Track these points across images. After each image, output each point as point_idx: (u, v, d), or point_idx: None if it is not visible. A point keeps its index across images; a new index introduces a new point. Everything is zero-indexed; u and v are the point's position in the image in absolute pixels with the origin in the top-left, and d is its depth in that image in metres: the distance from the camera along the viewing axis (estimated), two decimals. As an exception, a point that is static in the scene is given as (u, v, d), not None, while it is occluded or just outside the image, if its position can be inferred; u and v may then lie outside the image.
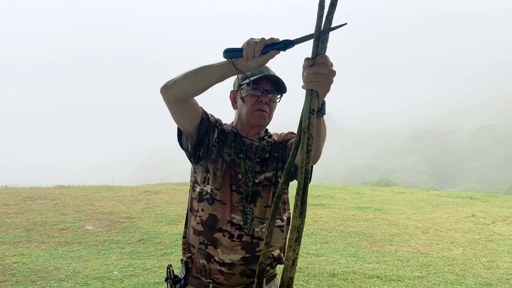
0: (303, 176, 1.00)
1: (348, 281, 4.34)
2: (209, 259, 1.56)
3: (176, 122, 1.54)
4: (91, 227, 6.98)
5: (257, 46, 1.16)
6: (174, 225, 7.13)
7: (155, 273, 4.57)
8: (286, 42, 1.13)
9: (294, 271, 0.99)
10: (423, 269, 4.79)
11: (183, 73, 1.37)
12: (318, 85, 1.08)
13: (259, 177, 1.62)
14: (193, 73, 1.34)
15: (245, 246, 1.55)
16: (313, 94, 1.06)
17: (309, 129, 1.02)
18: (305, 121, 1.03)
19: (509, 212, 8.34)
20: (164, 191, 11.38)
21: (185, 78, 1.36)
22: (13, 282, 4.26)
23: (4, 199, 9.67)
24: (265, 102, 1.61)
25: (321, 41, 1.04)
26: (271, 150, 1.68)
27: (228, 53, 1.24)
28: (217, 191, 1.58)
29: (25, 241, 6.02)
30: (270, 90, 1.61)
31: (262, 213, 1.59)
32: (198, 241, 1.58)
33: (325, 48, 1.05)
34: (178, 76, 1.38)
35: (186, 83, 1.36)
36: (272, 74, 1.60)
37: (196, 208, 1.61)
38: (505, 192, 27.63)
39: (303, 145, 1.01)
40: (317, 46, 1.05)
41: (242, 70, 1.26)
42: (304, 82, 1.09)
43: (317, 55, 1.06)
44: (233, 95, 1.72)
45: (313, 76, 1.07)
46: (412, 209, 8.93)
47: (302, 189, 0.99)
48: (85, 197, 10.28)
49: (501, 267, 4.85)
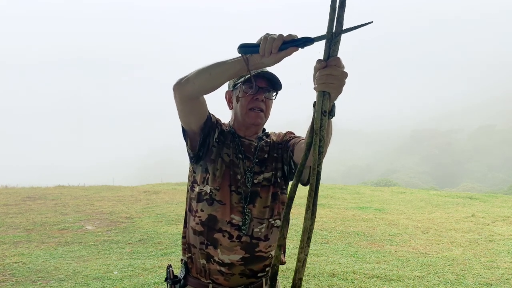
0: (315, 178, 1.00)
1: (348, 281, 4.34)
2: (209, 259, 1.56)
3: (183, 120, 1.53)
4: (91, 227, 6.98)
5: (275, 42, 1.13)
6: (174, 225, 7.13)
7: (155, 273, 4.57)
8: (305, 40, 1.11)
9: (303, 272, 1.00)
10: (423, 269, 4.79)
11: (196, 71, 1.35)
12: (331, 87, 1.07)
13: (258, 178, 1.62)
14: (207, 70, 1.32)
15: (245, 246, 1.55)
16: (325, 96, 1.06)
17: (321, 131, 1.02)
18: (317, 123, 1.03)
19: (509, 212, 8.34)
20: (164, 191, 11.38)
21: (199, 75, 1.34)
22: (13, 282, 4.26)
23: (4, 199, 9.67)
24: (261, 100, 1.60)
25: (333, 43, 1.04)
26: (270, 151, 1.67)
27: (243, 48, 1.19)
28: (216, 191, 1.57)
29: (25, 241, 6.02)
30: (265, 88, 1.60)
31: (261, 213, 1.59)
32: (199, 241, 1.58)
33: (337, 50, 1.05)
34: (191, 74, 1.36)
35: (200, 80, 1.34)
36: (266, 71, 1.59)
37: (195, 209, 1.60)
38: (505, 192, 27.61)
39: (314, 147, 1.01)
40: (329, 48, 1.05)
41: (256, 67, 1.24)
42: (316, 83, 1.08)
43: (329, 57, 1.06)
44: (228, 95, 1.71)
45: (326, 77, 1.06)
46: (412, 209, 8.93)
47: (314, 190, 0.99)
48: (85, 197, 10.28)
49: (501, 267, 4.85)
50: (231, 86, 1.67)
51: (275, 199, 1.62)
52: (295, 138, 1.67)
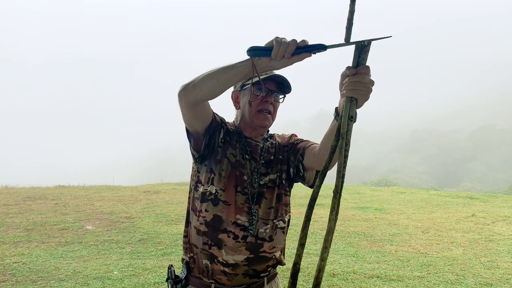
0: (341, 180, 1.05)
1: (348, 281, 4.34)
2: (213, 260, 1.56)
3: (188, 123, 1.53)
4: (91, 227, 6.98)
5: (289, 47, 1.12)
6: (174, 225, 7.13)
7: (155, 273, 4.57)
8: (319, 47, 1.12)
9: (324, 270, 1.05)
10: (423, 269, 4.80)
11: (202, 76, 1.33)
12: (359, 94, 1.11)
13: (264, 179, 1.62)
14: (214, 76, 1.31)
15: (250, 247, 1.56)
16: (353, 102, 1.11)
17: (347, 135, 1.07)
18: (344, 127, 1.07)
19: (509, 212, 8.34)
20: (164, 191, 11.38)
21: (206, 81, 1.32)
22: (13, 282, 4.26)
23: (4, 199, 9.67)
24: (270, 103, 1.60)
25: (364, 52, 1.09)
26: (276, 152, 1.68)
27: (253, 51, 1.18)
28: (222, 191, 1.57)
29: (25, 241, 6.02)
30: (274, 90, 1.60)
31: (266, 214, 1.60)
32: (202, 241, 1.58)
33: (366, 59, 1.10)
34: (197, 80, 1.34)
35: (207, 86, 1.33)
36: (277, 74, 1.58)
37: (199, 208, 1.60)
38: (505, 192, 27.62)
39: (341, 150, 1.06)
40: (358, 56, 1.09)
41: (264, 70, 1.24)
42: (345, 89, 1.12)
43: (358, 65, 1.10)
44: (235, 95, 1.70)
45: (355, 84, 1.10)
46: (412, 209, 8.93)
47: (339, 192, 1.05)
48: (85, 197, 10.28)
49: (501, 267, 4.86)
50: (239, 86, 1.66)
51: (279, 201, 1.63)
52: (303, 142, 1.67)
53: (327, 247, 1.02)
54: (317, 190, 1.07)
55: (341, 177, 1.04)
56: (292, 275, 1.05)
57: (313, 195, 1.07)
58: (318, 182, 1.08)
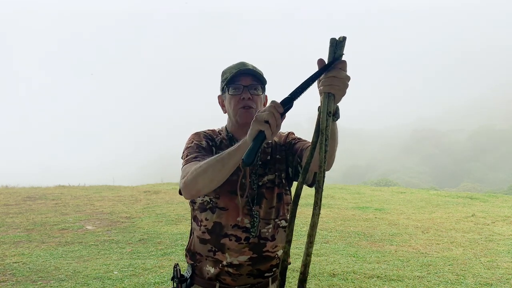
0: (322, 175, 1.06)
1: (348, 281, 4.34)
2: (217, 264, 1.58)
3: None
4: (91, 227, 6.98)
5: (277, 120, 1.19)
6: (174, 225, 7.13)
7: (156, 273, 4.57)
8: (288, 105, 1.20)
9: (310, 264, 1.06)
10: (423, 269, 4.80)
11: (201, 172, 1.40)
12: (336, 89, 1.12)
13: (262, 180, 1.63)
14: (212, 173, 1.38)
15: (253, 247, 1.57)
16: (331, 97, 1.12)
17: (326, 130, 1.08)
18: (323, 123, 1.08)
19: (509, 212, 8.34)
20: (164, 191, 11.37)
21: (206, 176, 1.40)
22: (13, 282, 4.27)
23: (4, 199, 9.67)
24: (247, 98, 1.59)
25: (339, 47, 1.10)
26: (272, 152, 1.68)
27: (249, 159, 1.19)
28: (216, 199, 1.59)
29: (26, 241, 6.02)
30: (250, 85, 1.59)
31: (267, 214, 1.61)
32: (206, 249, 1.60)
33: (342, 54, 1.11)
34: (196, 174, 1.41)
35: (207, 180, 1.41)
36: (246, 68, 1.59)
37: (200, 218, 1.62)
38: (505, 192, 27.58)
39: (321, 146, 1.07)
40: (334, 52, 1.11)
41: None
42: (321, 85, 1.13)
43: (334, 60, 1.11)
44: (220, 100, 1.71)
45: (331, 80, 1.11)
46: (412, 209, 8.92)
47: (321, 187, 1.05)
48: (85, 197, 10.27)
49: (501, 267, 4.86)
50: (220, 90, 1.68)
51: (280, 200, 1.64)
52: (301, 142, 1.66)
53: (312, 242, 1.03)
54: (301, 186, 1.08)
55: (322, 172, 1.06)
56: (281, 273, 1.06)
57: (296, 192, 1.08)
58: (300, 179, 1.09)
